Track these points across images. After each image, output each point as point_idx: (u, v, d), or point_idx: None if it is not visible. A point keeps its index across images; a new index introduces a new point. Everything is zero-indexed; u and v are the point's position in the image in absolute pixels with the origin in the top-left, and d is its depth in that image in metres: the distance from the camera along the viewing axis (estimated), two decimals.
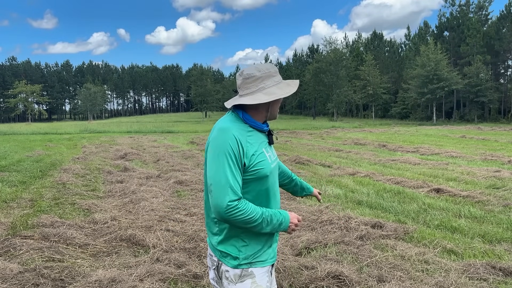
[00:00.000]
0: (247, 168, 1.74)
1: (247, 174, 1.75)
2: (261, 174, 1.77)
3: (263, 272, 1.84)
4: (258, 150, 1.79)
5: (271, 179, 1.84)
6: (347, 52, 68.47)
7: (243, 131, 1.78)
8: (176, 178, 8.70)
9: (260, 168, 1.76)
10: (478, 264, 3.87)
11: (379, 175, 9.12)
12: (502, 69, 56.14)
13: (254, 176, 1.76)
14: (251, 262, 1.81)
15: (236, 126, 1.78)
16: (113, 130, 33.92)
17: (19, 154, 14.18)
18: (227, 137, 1.72)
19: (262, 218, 1.72)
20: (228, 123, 1.79)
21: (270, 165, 1.83)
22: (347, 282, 3.54)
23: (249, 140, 1.77)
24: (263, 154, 1.80)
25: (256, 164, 1.75)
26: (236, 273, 1.80)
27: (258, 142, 1.81)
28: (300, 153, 13.83)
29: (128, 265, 4.06)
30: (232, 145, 1.70)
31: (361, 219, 5.38)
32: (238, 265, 1.80)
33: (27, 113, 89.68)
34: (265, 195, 1.83)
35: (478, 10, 55.23)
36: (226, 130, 1.74)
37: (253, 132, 1.82)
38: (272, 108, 1.89)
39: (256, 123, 1.84)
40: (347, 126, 37.79)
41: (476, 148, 14.92)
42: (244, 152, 1.73)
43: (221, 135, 1.73)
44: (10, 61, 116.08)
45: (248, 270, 1.80)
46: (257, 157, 1.76)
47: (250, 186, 1.78)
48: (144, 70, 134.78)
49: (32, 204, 6.73)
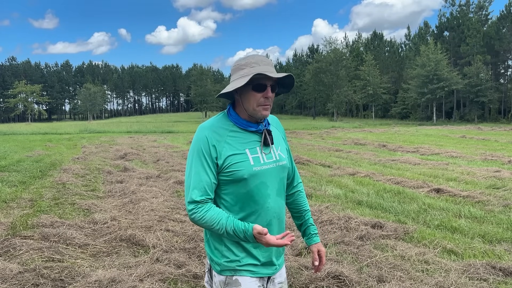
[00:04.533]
0: (221, 169, 1.65)
1: (222, 175, 1.66)
2: (237, 176, 1.65)
3: (250, 282, 1.70)
4: (238, 151, 1.66)
5: (253, 182, 1.67)
6: (347, 52, 68.48)
7: (224, 130, 1.68)
8: (176, 178, 8.70)
9: (236, 170, 1.64)
10: (478, 264, 3.86)
11: (379, 175, 9.12)
12: (502, 69, 56.17)
13: (229, 178, 1.65)
14: (235, 270, 1.69)
15: (217, 125, 1.70)
16: (113, 130, 33.92)
17: (19, 154, 14.17)
18: (198, 137, 1.67)
19: (224, 228, 1.61)
20: (208, 122, 1.72)
21: (252, 167, 1.66)
22: (347, 282, 3.54)
23: (229, 140, 1.67)
24: (244, 155, 1.66)
25: (231, 165, 1.64)
26: (221, 279, 1.70)
27: (241, 142, 1.68)
28: (300, 153, 13.83)
29: (128, 265, 4.05)
30: (202, 146, 1.65)
31: (361, 219, 5.38)
32: (221, 271, 1.70)
33: (27, 113, 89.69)
34: (247, 198, 1.68)
35: (478, 10, 55.24)
36: (200, 130, 1.69)
37: (237, 132, 1.70)
38: (244, 103, 1.70)
39: (240, 121, 1.71)
40: (347, 126, 37.79)
41: (476, 148, 14.92)
42: (217, 152, 1.64)
43: (195, 135, 1.70)
44: (10, 61, 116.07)
45: (233, 278, 1.69)
46: (234, 158, 1.64)
47: (228, 188, 1.68)
48: (144, 70, 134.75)
49: (32, 204, 6.72)
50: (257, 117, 1.70)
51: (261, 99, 1.67)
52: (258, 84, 1.65)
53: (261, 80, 1.65)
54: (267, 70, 1.65)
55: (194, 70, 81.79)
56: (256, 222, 1.69)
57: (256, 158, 1.69)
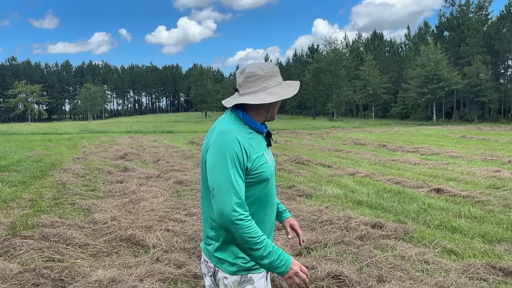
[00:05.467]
0: (250, 171, 1.70)
1: (249, 177, 1.71)
2: (262, 177, 1.73)
3: (260, 277, 1.81)
4: (260, 152, 1.74)
5: (270, 182, 1.81)
6: (347, 52, 68.49)
7: (244, 133, 1.72)
8: (176, 178, 8.70)
9: (262, 171, 1.72)
10: (478, 264, 3.87)
11: (379, 175, 9.12)
12: (502, 69, 56.15)
13: (256, 179, 1.71)
14: (250, 268, 1.77)
15: (237, 128, 1.72)
16: (113, 130, 33.92)
17: (19, 154, 14.17)
18: (229, 140, 1.66)
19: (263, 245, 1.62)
20: (229, 125, 1.72)
21: (270, 167, 1.78)
22: (347, 282, 3.54)
23: (251, 142, 1.72)
24: (264, 157, 1.76)
25: (258, 167, 1.71)
26: (235, 279, 1.76)
27: (259, 144, 1.76)
28: (300, 153, 13.83)
29: (128, 265, 4.06)
30: (235, 149, 1.65)
31: (361, 219, 5.38)
32: (236, 271, 1.76)
33: (27, 113, 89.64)
34: (264, 200, 1.78)
35: (478, 10, 55.23)
36: (228, 132, 1.68)
37: (254, 134, 1.76)
38: (272, 109, 1.84)
39: (256, 125, 1.78)
40: (347, 126, 37.79)
41: (476, 148, 14.92)
42: (247, 156, 1.68)
43: (223, 138, 1.67)
44: (10, 61, 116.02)
45: (247, 276, 1.77)
46: (260, 160, 1.72)
47: (251, 190, 1.73)
48: (144, 70, 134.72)
49: (32, 204, 6.73)
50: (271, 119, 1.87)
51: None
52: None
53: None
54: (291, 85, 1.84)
55: (194, 70, 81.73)
56: (266, 222, 1.81)
57: (269, 159, 1.81)
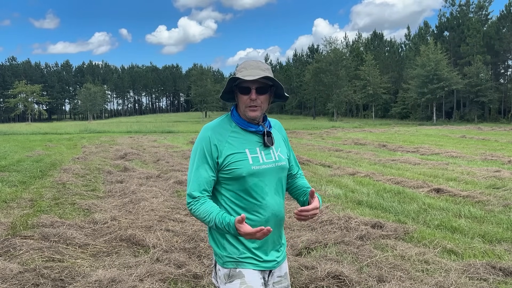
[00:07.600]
0: (221, 167, 1.78)
1: (222, 172, 1.79)
2: (235, 174, 1.77)
3: (253, 274, 1.79)
4: (238, 150, 1.79)
5: (252, 180, 1.78)
6: (347, 52, 68.46)
7: (225, 131, 1.82)
8: (176, 178, 8.70)
9: (235, 168, 1.77)
10: (478, 264, 3.87)
11: (379, 175, 9.12)
12: (502, 69, 56.15)
13: (229, 175, 1.78)
14: (238, 261, 1.78)
15: (220, 125, 1.83)
16: (113, 130, 33.93)
17: (19, 154, 14.17)
18: (201, 136, 1.82)
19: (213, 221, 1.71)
20: (212, 123, 1.85)
21: (250, 166, 1.78)
22: (347, 282, 3.54)
23: (230, 140, 1.80)
24: (243, 154, 1.78)
25: (230, 164, 1.77)
26: (225, 272, 1.79)
27: (241, 142, 1.80)
28: (300, 153, 13.83)
29: (128, 265, 4.06)
30: (204, 144, 1.79)
31: (361, 219, 5.38)
32: (223, 263, 1.79)
33: (27, 113, 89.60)
34: (246, 195, 1.80)
35: (478, 10, 55.21)
36: (204, 130, 1.83)
37: (238, 133, 1.82)
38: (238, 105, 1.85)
39: (241, 121, 1.83)
40: (347, 126, 37.79)
41: (476, 148, 14.92)
42: (218, 151, 1.78)
43: (199, 135, 1.84)
44: (10, 61, 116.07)
45: (236, 270, 1.77)
46: (234, 157, 1.77)
47: (228, 185, 1.81)
48: (144, 70, 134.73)
49: (32, 204, 6.73)
50: (247, 117, 1.82)
51: (247, 101, 1.79)
52: (242, 87, 1.79)
53: (244, 83, 1.77)
54: (251, 73, 1.75)
55: (194, 70, 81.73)
56: (254, 218, 1.79)
57: (255, 157, 1.81)
